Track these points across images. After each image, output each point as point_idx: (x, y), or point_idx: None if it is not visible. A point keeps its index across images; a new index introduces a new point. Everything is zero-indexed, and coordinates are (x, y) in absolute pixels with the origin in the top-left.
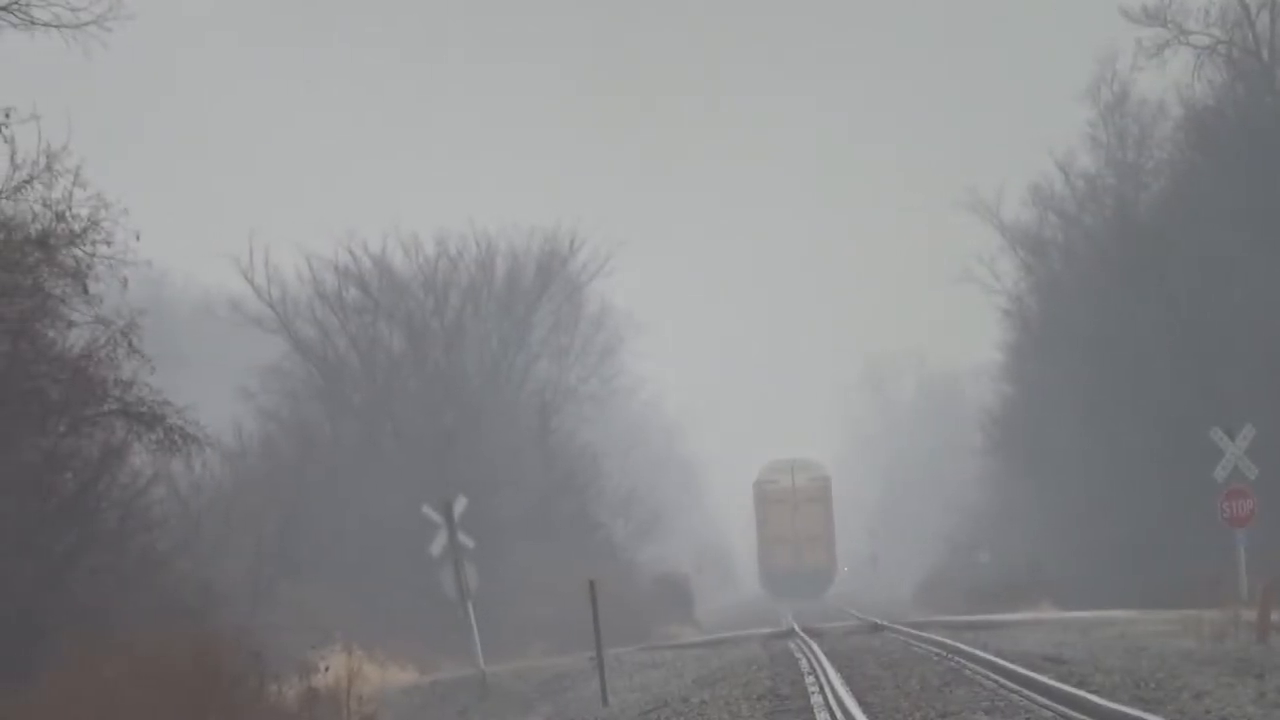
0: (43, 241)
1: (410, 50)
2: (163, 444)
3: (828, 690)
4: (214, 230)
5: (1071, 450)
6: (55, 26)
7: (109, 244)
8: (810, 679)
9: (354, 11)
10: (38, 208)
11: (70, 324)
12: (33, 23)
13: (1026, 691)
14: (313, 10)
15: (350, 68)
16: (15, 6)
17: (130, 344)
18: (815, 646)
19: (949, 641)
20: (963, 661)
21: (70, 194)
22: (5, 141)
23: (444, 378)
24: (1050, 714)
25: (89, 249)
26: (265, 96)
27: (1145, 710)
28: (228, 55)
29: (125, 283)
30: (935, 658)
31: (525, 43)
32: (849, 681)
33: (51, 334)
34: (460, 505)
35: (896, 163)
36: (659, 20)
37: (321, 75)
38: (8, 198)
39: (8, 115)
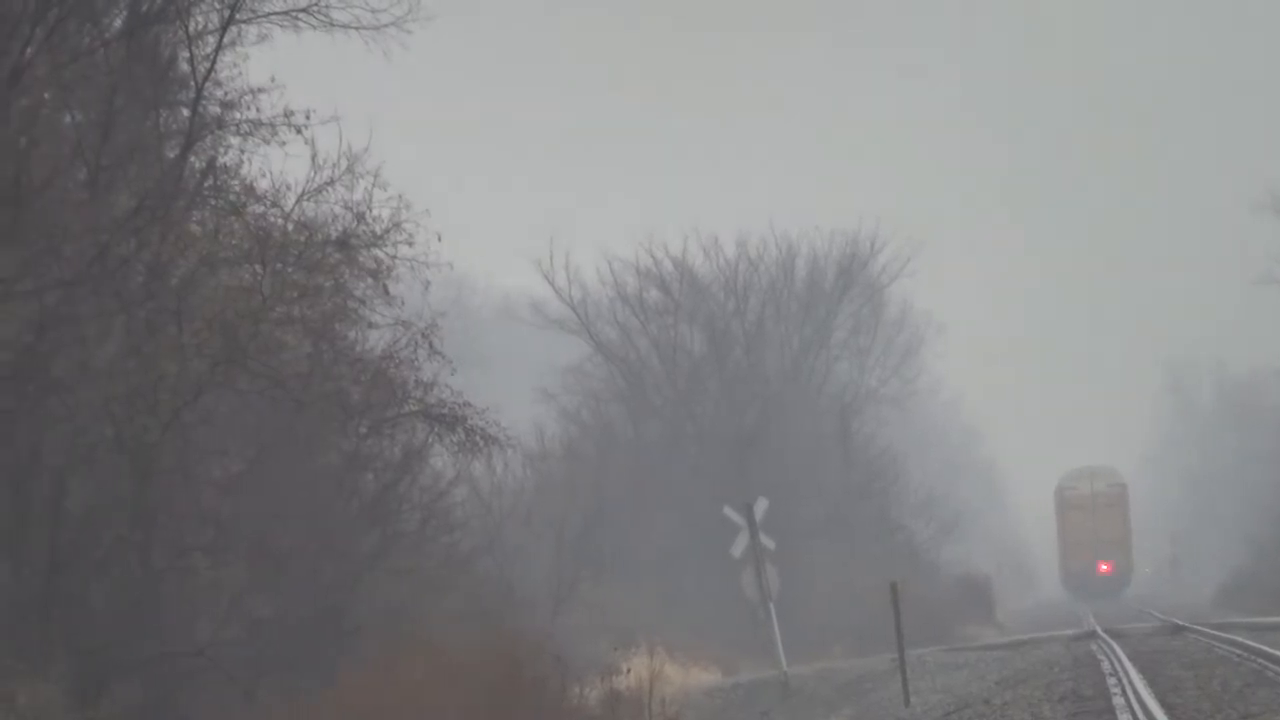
0: (344, 243)
1: (710, 48)
2: (464, 445)
3: (1129, 691)
4: (515, 232)
5: None
6: (355, 28)
7: (410, 245)
8: (1112, 680)
9: (653, 11)
10: (338, 209)
11: (371, 325)
12: (332, 24)
13: None
14: (610, 11)
15: (651, 67)
16: (315, 8)
17: (431, 345)
18: (1117, 648)
19: (1252, 644)
20: (1265, 664)
21: (371, 195)
22: (306, 143)
23: (745, 379)
24: None
25: (390, 250)
26: (564, 98)
27: None
28: (529, 57)
29: (427, 284)
30: (1237, 659)
31: (822, 45)
32: (1151, 683)
33: (352, 335)
34: (761, 507)
35: (1194, 165)
36: (975, 19)
37: (621, 76)
38: (309, 199)
39: (308, 117)
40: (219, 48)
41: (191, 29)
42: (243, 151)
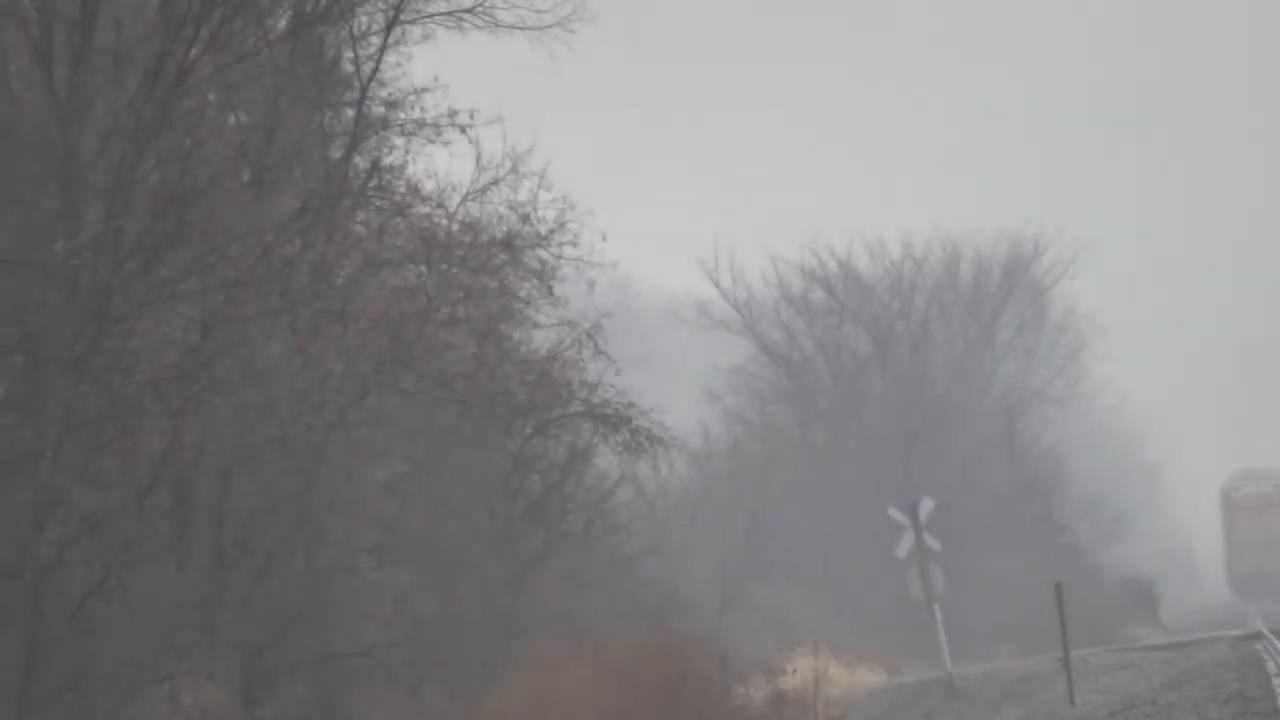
0: (508, 243)
1: (874, 48)
2: (629, 446)
3: None
4: (680, 233)
5: None
6: (520, 29)
7: (575, 246)
8: (1278, 680)
9: (819, 11)
10: (503, 209)
11: (536, 326)
12: (497, 25)
13: None
14: (774, 11)
15: (814, 68)
16: (480, 9)
17: (596, 346)
18: None
19: None
20: None
21: (536, 196)
22: (470, 144)
23: (910, 380)
24: None
25: (554, 251)
26: (726, 98)
27: None
28: (692, 57)
29: (592, 285)
30: None
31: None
32: None
33: (517, 336)
34: (926, 507)
35: None
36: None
37: (784, 76)
38: (473, 200)
39: (472, 117)
40: (383, 48)
41: (355, 29)
42: (407, 152)
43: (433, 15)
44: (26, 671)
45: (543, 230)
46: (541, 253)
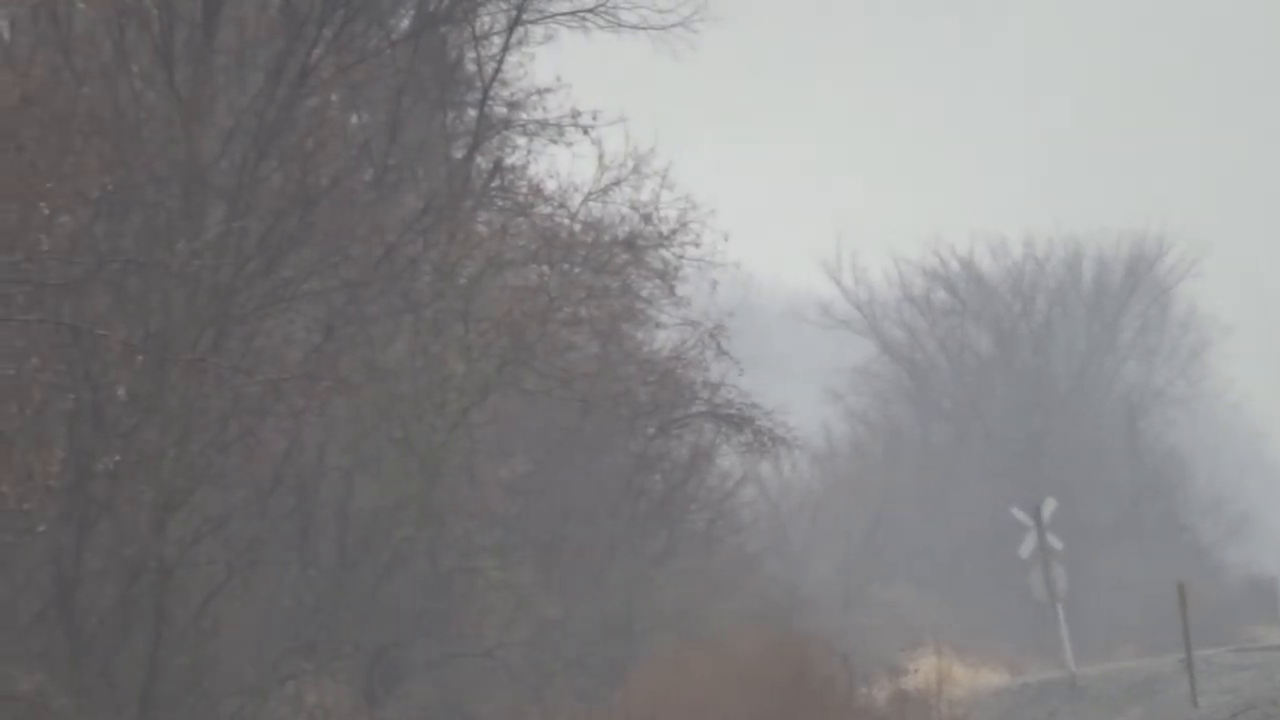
0: (630, 243)
1: (989, 49)
2: (751, 446)
3: None
4: (802, 232)
5: None
6: (642, 29)
7: (697, 245)
8: None
9: (942, 11)
10: (625, 209)
11: (658, 326)
12: (620, 25)
13: None
14: (898, 11)
15: (935, 65)
16: (602, 9)
17: (718, 346)
18: None
19: None
20: None
21: (658, 195)
22: (593, 144)
23: (1032, 380)
24: None
25: (677, 251)
26: (848, 97)
27: None
28: (810, 57)
29: (714, 285)
30: None
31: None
32: None
33: (639, 336)
34: (1049, 507)
35: None
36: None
37: (907, 74)
38: (595, 199)
39: (595, 117)
40: (505, 48)
41: (478, 29)
42: (529, 152)
43: (555, 15)
44: (150, 671)
45: (665, 230)
46: (664, 252)
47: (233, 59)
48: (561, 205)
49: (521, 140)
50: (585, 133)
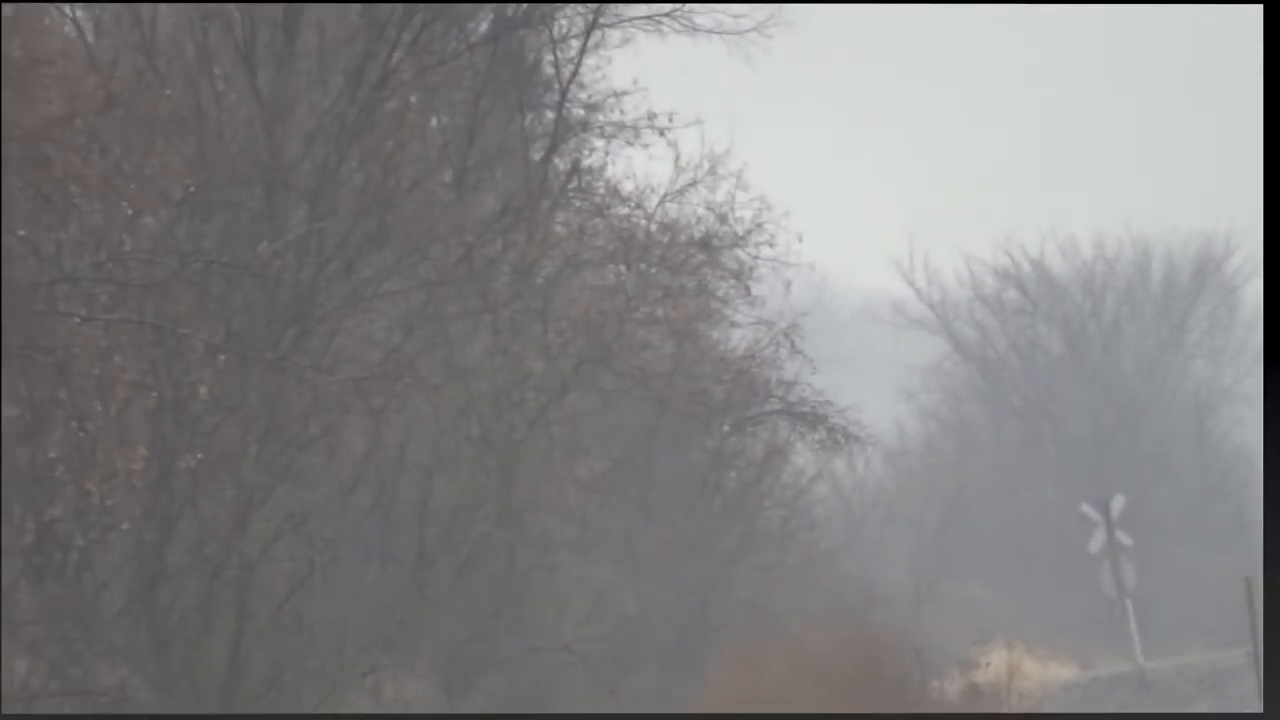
0: (706, 244)
1: (1064, 49)
2: (825, 443)
3: None
4: (875, 233)
5: None
6: (717, 33)
7: (771, 246)
8: None
9: (1019, 12)
10: (701, 210)
11: (733, 325)
12: (695, 29)
13: None
14: (974, 10)
15: (1006, 68)
16: (678, 13)
17: (793, 345)
18: None
19: None
20: None
21: (733, 196)
22: (669, 145)
23: (1101, 378)
24: None
25: (752, 251)
26: (920, 99)
27: None
28: (883, 58)
29: (788, 285)
30: None
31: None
32: None
33: (715, 335)
34: (1118, 504)
35: None
36: None
37: (976, 75)
38: (672, 200)
39: (671, 119)
40: (583, 51)
41: (556, 33)
42: (606, 153)
43: (632, 19)
44: (231, 667)
45: (740, 231)
46: (739, 253)
47: (314, 61)
48: (638, 206)
49: (599, 142)
50: (661, 134)
